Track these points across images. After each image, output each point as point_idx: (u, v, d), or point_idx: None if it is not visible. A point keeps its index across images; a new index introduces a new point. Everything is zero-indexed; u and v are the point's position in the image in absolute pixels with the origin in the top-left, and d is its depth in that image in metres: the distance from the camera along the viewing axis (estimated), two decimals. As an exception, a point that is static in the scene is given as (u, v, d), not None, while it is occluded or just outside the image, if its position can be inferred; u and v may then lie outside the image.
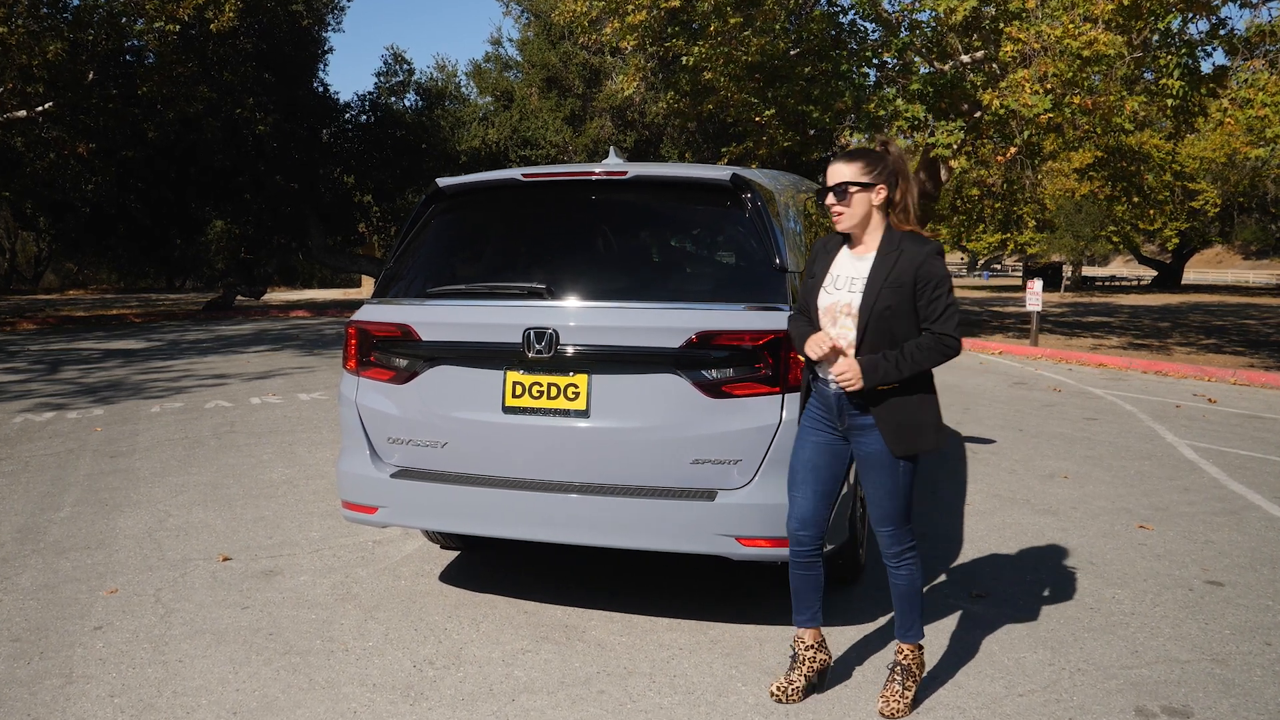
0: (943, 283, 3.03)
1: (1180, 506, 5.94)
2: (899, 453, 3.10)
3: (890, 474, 3.14)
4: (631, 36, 18.07)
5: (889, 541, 3.24)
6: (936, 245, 3.06)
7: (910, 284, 3.03)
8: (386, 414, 3.92)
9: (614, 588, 4.40)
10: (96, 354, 15.05)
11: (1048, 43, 14.00)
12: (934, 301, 3.02)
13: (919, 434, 3.11)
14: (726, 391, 3.51)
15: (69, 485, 6.46)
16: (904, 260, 3.04)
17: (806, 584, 3.32)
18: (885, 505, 3.19)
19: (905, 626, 3.28)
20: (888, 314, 3.03)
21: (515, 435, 3.71)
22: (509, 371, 3.73)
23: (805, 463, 3.26)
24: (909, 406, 3.09)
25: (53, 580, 4.59)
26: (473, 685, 3.45)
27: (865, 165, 3.10)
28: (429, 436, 3.84)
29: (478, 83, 30.04)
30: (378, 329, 3.97)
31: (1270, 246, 53.57)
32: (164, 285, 45.95)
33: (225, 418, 9.03)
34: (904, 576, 3.25)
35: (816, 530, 3.27)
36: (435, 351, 3.85)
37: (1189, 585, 4.52)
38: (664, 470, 3.59)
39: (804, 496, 3.26)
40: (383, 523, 3.93)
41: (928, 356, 3.01)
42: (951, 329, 3.02)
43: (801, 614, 3.34)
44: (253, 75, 22.37)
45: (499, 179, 4.11)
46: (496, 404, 3.74)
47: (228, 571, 4.70)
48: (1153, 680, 3.49)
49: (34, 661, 3.69)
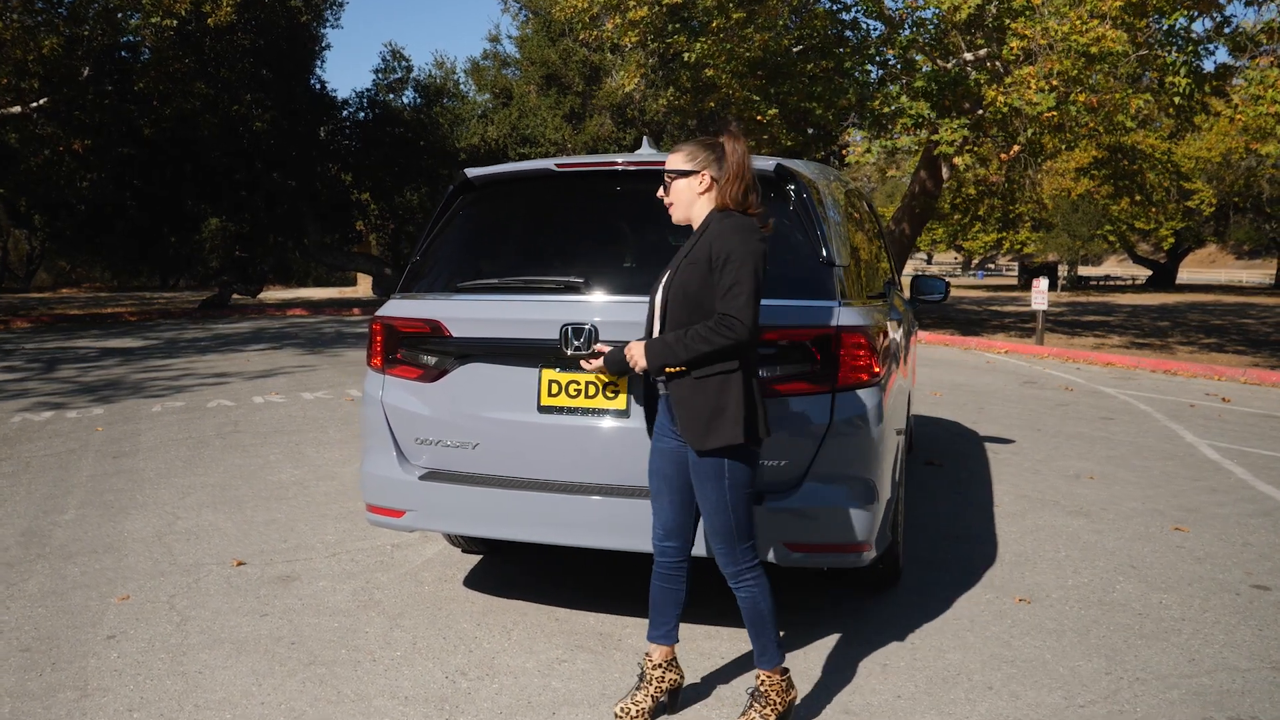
0: (735, 257, 2.76)
1: (1211, 508, 5.81)
2: (695, 446, 2.84)
3: (712, 481, 2.88)
4: (633, 33, 17.91)
5: (723, 560, 2.97)
6: (746, 221, 2.83)
7: (705, 260, 2.82)
8: (414, 414, 3.76)
9: (644, 593, 4.24)
10: (93, 352, 14.85)
11: (1054, 39, 13.90)
12: (723, 278, 2.77)
13: (714, 425, 2.81)
14: (774, 390, 3.35)
15: (72, 487, 6.29)
16: (705, 236, 2.87)
17: (667, 597, 3.12)
18: (711, 518, 2.92)
19: (759, 651, 3.02)
20: (681, 295, 2.85)
21: (551, 436, 3.56)
22: (545, 369, 3.58)
23: (656, 472, 3.07)
24: (702, 394, 2.82)
25: (61, 586, 4.43)
26: (510, 698, 3.30)
27: (688, 153, 2.96)
28: (459, 437, 3.68)
29: (476, 80, 29.88)
30: (405, 325, 3.81)
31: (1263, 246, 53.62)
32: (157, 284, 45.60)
33: (229, 417, 8.86)
34: (745, 599, 2.98)
35: (681, 541, 3.09)
36: (466, 348, 3.69)
37: (1235, 589, 4.39)
38: None
39: (663, 506, 3.07)
40: (410, 527, 3.78)
41: (709, 338, 2.75)
42: (735, 308, 2.73)
43: (657, 629, 3.13)
44: (250, 72, 22.18)
45: (531, 169, 3.96)
46: (531, 403, 3.58)
47: (242, 577, 4.55)
48: (1215, 690, 3.36)
49: (46, 673, 3.53)
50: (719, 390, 2.81)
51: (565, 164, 3.88)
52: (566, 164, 3.88)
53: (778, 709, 2.99)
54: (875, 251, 5.00)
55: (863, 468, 3.42)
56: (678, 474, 3.02)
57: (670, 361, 2.83)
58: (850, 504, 3.37)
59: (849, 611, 4.07)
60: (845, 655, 3.64)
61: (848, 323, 3.37)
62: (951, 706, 3.22)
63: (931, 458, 7.05)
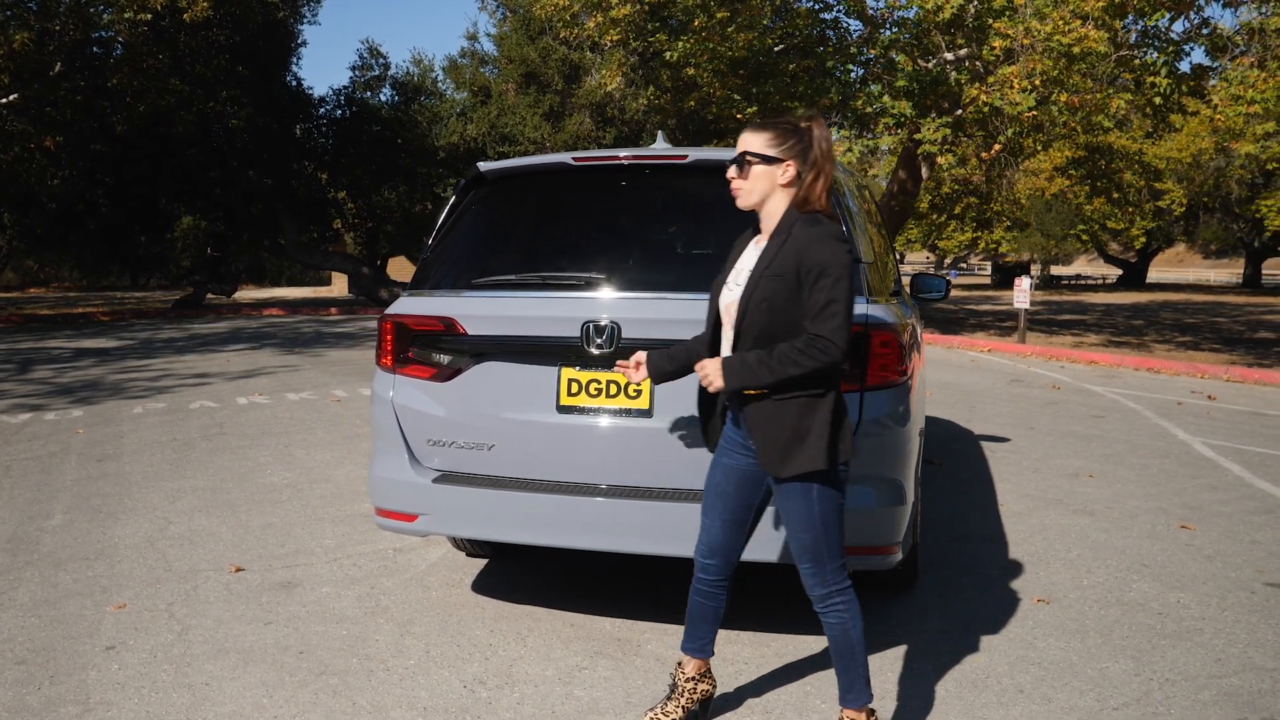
0: (830, 273, 2.50)
1: (1214, 506, 5.81)
2: (769, 470, 2.64)
3: (800, 499, 2.65)
4: (614, 31, 17.82)
5: (811, 581, 2.73)
6: (835, 229, 2.58)
7: (794, 273, 2.54)
8: (426, 414, 3.65)
9: (659, 597, 4.17)
10: (67, 353, 14.57)
11: (1036, 39, 13.95)
12: (815, 295, 2.52)
13: (792, 449, 2.59)
14: None
15: (57, 491, 6.12)
16: (790, 245, 2.57)
17: (704, 612, 2.97)
18: (798, 536, 2.69)
19: (845, 687, 2.77)
20: (765, 307, 2.58)
21: (570, 437, 3.46)
22: (564, 368, 3.48)
23: (713, 487, 2.88)
24: (784, 417, 2.60)
25: (53, 595, 4.28)
26: (532, 707, 3.20)
27: (774, 137, 2.66)
28: (474, 438, 3.57)
29: (454, 78, 29.63)
30: (418, 323, 3.70)
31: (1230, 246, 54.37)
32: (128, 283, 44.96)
33: (213, 418, 8.68)
34: (834, 625, 2.73)
35: (724, 559, 2.91)
36: (482, 346, 3.58)
37: (1249, 588, 4.36)
38: None
39: (712, 524, 2.90)
40: (423, 531, 3.67)
41: (797, 360, 2.50)
42: (829, 329, 2.50)
43: (691, 641, 3.01)
44: (226, 68, 21.85)
45: (546, 163, 3.86)
46: (550, 403, 3.49)
47: (242, 583, 4.42)
48: (1246, 691, 3.32)
49: (44, 687, 3.39)
50: (801, 414, 2.60)
51: (582, 158, 3.78)
52: (584, 158, 3.78)
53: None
54: (885, 248, 4.95)
55: (891, 468, 3.35)
56: (737, 493, 2.85)
57: (752, 383, 2.59)
58: (880, 505, 3.31)
59: (871, 614, 3.99)
60: (871, 659, 3.56)
61: (876, 321, 3.30)
62: (985, 711, 3.16)
63: (931, 457, 7.01)
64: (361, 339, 16.78)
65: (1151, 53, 15.38)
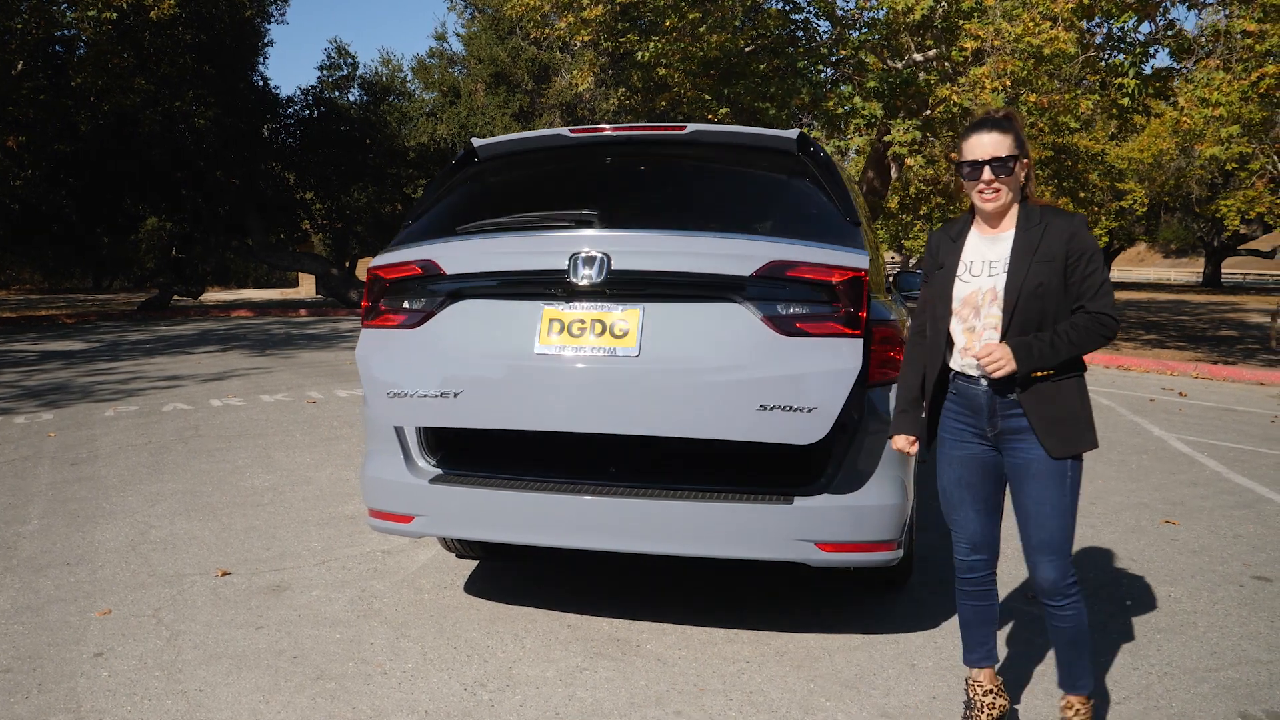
0: (1096, 256, 2.67)
1: (1195, 501, 5.88)
2: (1058, 453, 2.68)
3: (1057, 484, 2.70)
4: (585, 31, 17.78)
5: (1053, 575, 2.74)
6: (1083, 218, 2.73)
7: (1062, 258, 2.67)
8: (389, 364, 3.39)
9: (655, 596, 4.14)
10: (32, 355, 14.29)
11: (1007, 40, 14.08)
12: (1089, 277, 2.66)
13: (1078, 430, 2.70)
14: (801, 329, 3.12)
15: (32, 495, 5.98)
16: (1052, 233, 2.69)
17: (982, 616, 2.93)
18: (1048, 525, 2.72)
19: (1076, 675, 2.84)
20: (1040, 292, 2.66)
21: (548, 377, 3.20)
22: (547, 306, 3.26)
23: (956, 481, 2.88)
24: (1064, 397, 2.69)
25: (35, 601, 4.18)
26: (535, 709, 3.16)
27: (1015, 135, 2.73)
28: (438, 387, 3.28)
29: (422, 78, 29.44)
30: (392, 271, 3.48)
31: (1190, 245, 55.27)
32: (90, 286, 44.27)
33: (187, 421, 8.54)
34: (1070, 616, 2.78)
35: (990, 551, 2.90)
36: (460, 284, 3.35)
37: (1238, 581, 4.42)
38: (726, 417, 3.09)
39: (967, 517, 2.88)
40: (420, 533, 3.61)
41: (1084, 337, 2.63)
42: (1109, 306, 2.66)
43: (974, 651, 2.95)
44: (192, 67, 21.51)
45: (543, 137, 3.75)
46: (528, 344, 3.25)
47: (230, 587, 4.34)
48: (1244, 683, 3.35)
49: (33, 695, 3.30)
50: (1079, 394, 2.72)
51: (580, 130, 3.71)
52: (581, 130, 3.71)
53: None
54: (875, 244, 4.96)
55: (893, 465, 3.35)
56: (983, 481, 2.85)
57: (1046, 365, 2.65)
58: (882, 501, 3.30)
59: (870, 610, 4.01)
60: (870, 655, 3.57)
61: (877, 317, 3.30)
62: (989, 706, 3.16)
63: (914, 454, 7.03)
64: (334, 340, 16.61)
65: (1118, 54, 15.58)
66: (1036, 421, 2.70)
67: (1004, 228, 2.80)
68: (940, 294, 2.84)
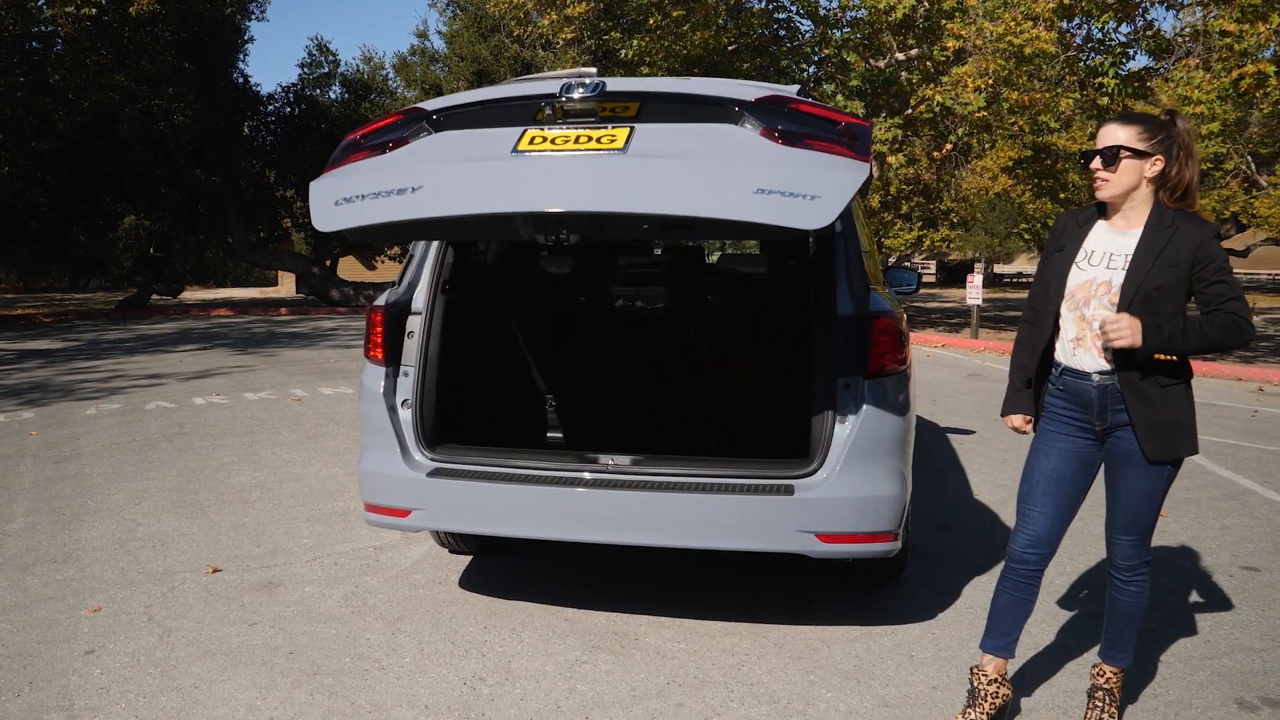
0: (1226, 265, 2.67)
1: (1180, 493, 5.91)
2: (1154, 457, 2.72)
3: (1154, 477, 2.77)
4: (568, 29, 17.75)
5: (1129, 552, 2.87)
6: (1216, 228, 2.74)
7: (1187, 264, 2.66)
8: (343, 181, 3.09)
9: (651, 589, 4.13)
10: (10, 354, 14.12)
11: (988, 40, 14.17)
12: (1219, 284, 2.66)
13: (1179, 436, 2.73)
14: (807, 144, 2.91)
15: (16, 493, 5.91)
16: (1179, 238, 2.67)
17: (1017, 608, 2.94)
18: (1137, 510, 2.82)
19: (1120, 648, 2.97)
20: (1156, 295, 2.66)
21: (523, 169, 2.95)
22: (529, 129, 3.03)
23: (1048, 472, 2.87)
24: (1170, 403, 2.72)
25: (23, 599, 4.12)
26: (536, 703, 3.15)
27: (1143, 131, 2.71)
28: (394, 184, 2.94)
29: (404, 76, 29.32)
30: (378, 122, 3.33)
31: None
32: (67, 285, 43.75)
33: (171, 419, 8.46)
34: (1134, 594, 2.91)
35: (1047, 551, 2.91)
36: (442, 118, 3.19)
37: (1227, 572, 4.46)
38: (718, 195, 2.78)
39: (1041, 512, 2.88)
40: (416, 527, 3.59)
41: (1221, 334, 2.63)
42: (1246, 313, 2.64)
43: (995, 639, 2.95)
44: (171, 65, 21.29)
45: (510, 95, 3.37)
46: (504, 150, 3.00)
47: (221, 584, 4.29)
48: (1238, 671, 3.38)
49: (24, 693, 3.26)
50: (1184, 401, 2.74)
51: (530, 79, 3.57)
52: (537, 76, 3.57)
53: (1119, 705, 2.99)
54: (870, 237, 4.97)
55: (893, 456, 3.36)
56: (1075, 477, 2.87)
57: (1173, 349, 2.64)
58: (881, 492, 3.31)
59: (865, 604, 4.01)
60: (869, 647, 3.57)
61: (876, 309, 3.31)
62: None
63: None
64: (316, 339, 16.50)
65: (1098, 55, 15.71)
66: (1138, 423, 2.73)
67: (1133, 224, 2.77)
68: (1056, 276, 2.85)
